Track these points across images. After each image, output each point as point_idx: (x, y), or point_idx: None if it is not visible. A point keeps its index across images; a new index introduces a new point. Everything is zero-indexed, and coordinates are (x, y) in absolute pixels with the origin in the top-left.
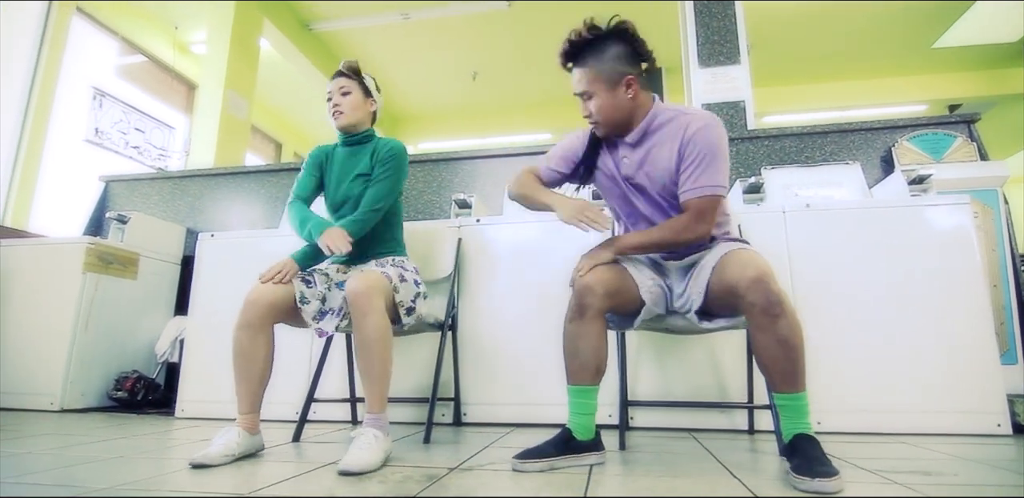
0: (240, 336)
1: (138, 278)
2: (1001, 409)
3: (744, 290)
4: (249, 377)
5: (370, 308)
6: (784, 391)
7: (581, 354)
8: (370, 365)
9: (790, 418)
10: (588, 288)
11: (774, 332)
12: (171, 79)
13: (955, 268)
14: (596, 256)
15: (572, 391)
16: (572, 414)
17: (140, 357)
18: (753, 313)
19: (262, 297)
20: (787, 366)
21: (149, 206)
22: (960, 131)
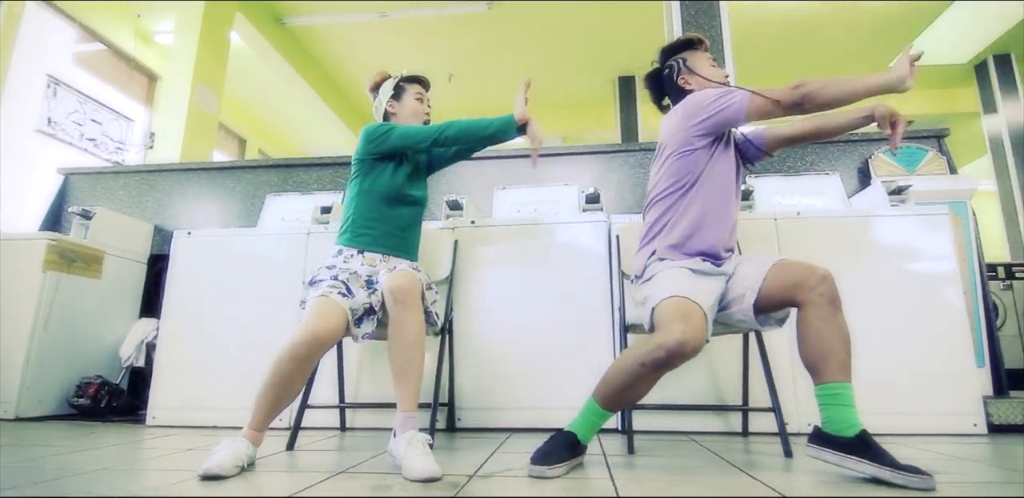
0: (290, 367)
1: (103, 277)
2: (977, 410)
3: (816, 283)
4: (279, 402)
5: (414, 304)
6: (840, 380)
7: (634, 394)
8: (410, 361)
9: (847, 407)
10: (685, 351)
11: (837, 322)
12: (131, 69)
13: (934, 275)
14: None
15: (599, 413)
16: (585, 428)
17: (103, 361)
18: (821, 304)
19: (331, 334)
20: (844, 355)
21: (113, 201)
22: (931, 145)
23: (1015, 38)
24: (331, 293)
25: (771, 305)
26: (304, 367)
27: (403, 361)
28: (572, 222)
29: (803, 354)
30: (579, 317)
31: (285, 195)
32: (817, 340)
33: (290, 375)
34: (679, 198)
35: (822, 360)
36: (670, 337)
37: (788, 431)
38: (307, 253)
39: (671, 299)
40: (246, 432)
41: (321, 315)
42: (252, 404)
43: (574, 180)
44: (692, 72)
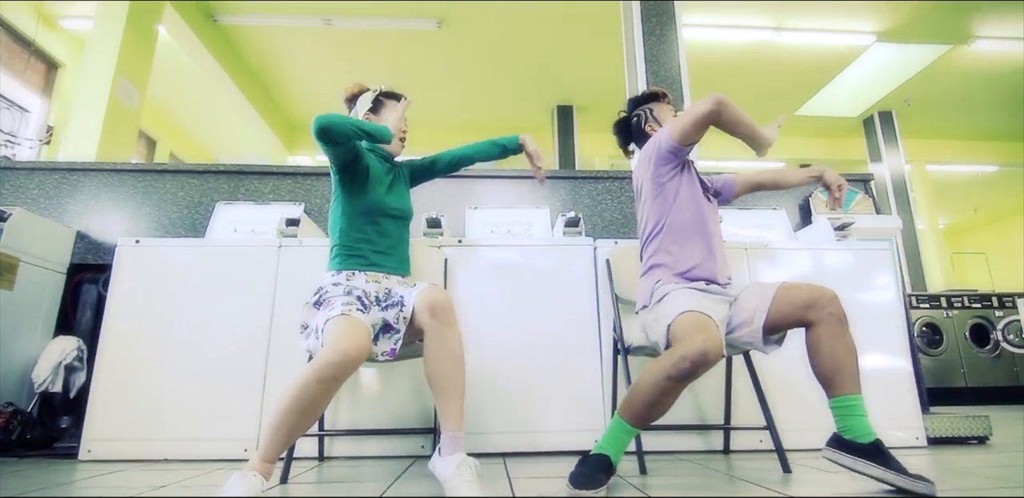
0: (317, 391)
1: (15, 289)
2: (918, 424)
3: (826, 302)
4: (297, 430)
5: (453, 320)
6: (852, 392)
7: (661, 408)
8: (455, 378)
9: (862, 416)
10: (707, 361)
11: (846, 339)
12: (29, 55)
13: (878, 301)
14: None
15: (624, 429)
16: (615, 446)
17: (10, 386)
18: (831, 322)
19: (361, 352)
20: (855, 369)
21: (25, 202)
22: (859, 188)
23: (896, 98)
24: (350, 311)
25: (780, 325)
26: (331, 390)
27: (447, 378)
28: (558, 245)
29: (817, 369)
30: (568, 340)
31: (237, 204)
32: (830, 356)
33: (315, 400)
34: (667, 235)
35: (836, 374)
36: (693, 347)
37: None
38: (278, 268)
39: (686, 314)
40: (257, 464)
41: (349, 333)
42: (265, 432)
43: (546, 203)
44: (657, 121)
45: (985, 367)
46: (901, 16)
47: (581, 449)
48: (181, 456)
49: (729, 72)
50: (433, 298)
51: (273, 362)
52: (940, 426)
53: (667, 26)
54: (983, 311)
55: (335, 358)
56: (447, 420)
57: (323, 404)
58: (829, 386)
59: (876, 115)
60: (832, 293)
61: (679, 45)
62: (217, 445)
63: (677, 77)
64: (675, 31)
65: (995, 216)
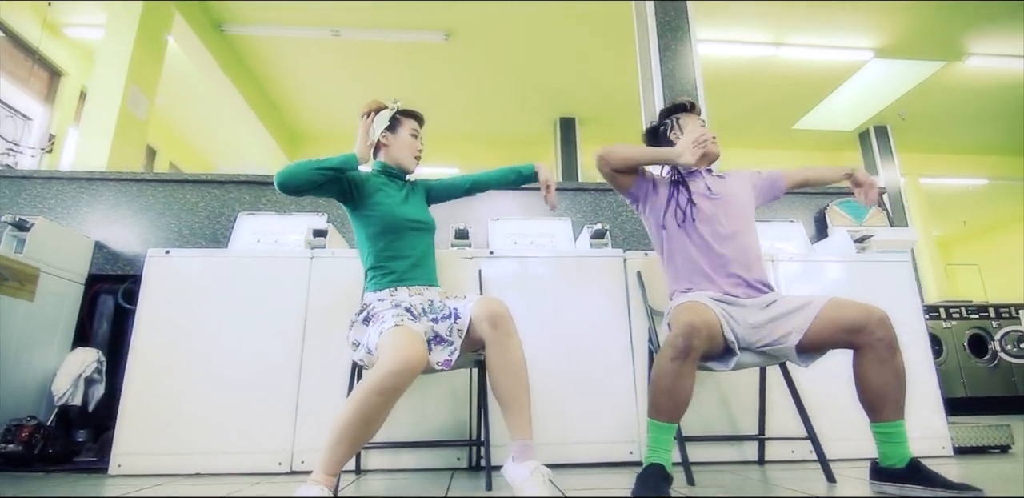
0: (378, 402)
1: (35, 299)
2: (944, 434)
3: (875, 326)
4: (359, 441)
5: (513, 329)
6: (894, 419)
7: (680, 394)
8: (520, 388)
9: (899, 443)
10: (696, 330)
11: (893, 364)
12: (32, 63)
13: (901, 313)
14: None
15: (659, 428)
16: (660, 450)
17: (29, 399)
18: (879, 347)
19: (421, 360)
20: (899, 395)
21: (43, 211)
22: None
23: (892, 113)
24: (403, 321)
25: (824, 346)
26: (391, 401)
27: (513, 388)
28: (588, 256)
29: (862, 395)
30: (599, 352)
31: (260, 214)
32: (878, 383)
33: (376, 411)
34: (666, 262)
35: (880, 401)
36: (681, 323)
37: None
38: (310, 280)
39: (681, 304)
40: (321, 477)
41: (407, 343)
42: (326, 446)
43: (567, 214)
44: (681, 129)
45: (984, 377)
46: (898, 33)
47: (614, 461)
48: (213, 470)
49: (729, 86)
50: (492, 308)
51: (307, 374)
52: (964, 435)
53: (682, 41)
54: (980, 322)
55: (395, 367)
56: (517, 429)
57: (383, 415)
58: (871, 411)
59: (872, 129)
60: (882, 315)
61: (695, 60)
62: (251, 458)
63: (693, 92)
64: (690, 46)
65: (985, 228)
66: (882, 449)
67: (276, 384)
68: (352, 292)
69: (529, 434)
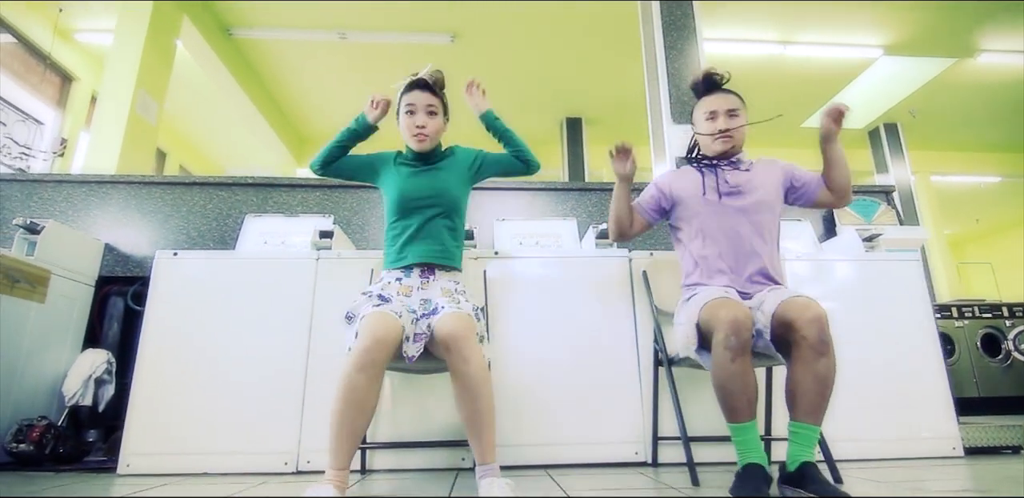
0: (360, 379)
1: (47, 301)
2: (954, 434)
3: (802, 325)
4: (357, 426)
5: (471, 352)
6: (803, 421)
7: (749, 390)
8: (480, 411)
9: (800, 445)
10: (741, 323)
11: (814, 368)
12: (45, 68)
13: (911, 312)
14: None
15: (743, 429)
16: (753, 451)
17: (41, 399)
18: (803, 346)
19: (389, 333)
20: (815, 400)
21: (54, 214)
22: (881, 199)
23: (902, 110)
24: (380, 306)
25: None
26: (374, 378)
27: (472, 412)
28: (594, 256)
29: (785, 389)
30: (605, 352)
31: (267, 216)
32: (793, 382)
33: (361, 390)
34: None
35: (793, 401)
36: (724, 320)
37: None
38: (316, 280)
39: (710, 301)
40: (331, 475)
41: (378, 321)
42: (329, 440)
43: (571, 214)
44: (694, 120)
45: (997, 377)
46: (908, 30)
47: (621, 461)
48: (221, 470)
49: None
50: (450, 331)
51: (312, 373)
52: (975, 436)
53: (688, 40)
54: (993, 321)
55: (367, 343)
56: (478, 454)
57: (371, 395)
58: (789, 408)
59: (882, 127)
60: (814, 314)
61: (700, 59)
62: (257, 458)
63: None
64: (696, 44)
65: (998, 226)
66: (788, 448)
67: (282, 384)
68: (358, 293)
69: (490, 458)
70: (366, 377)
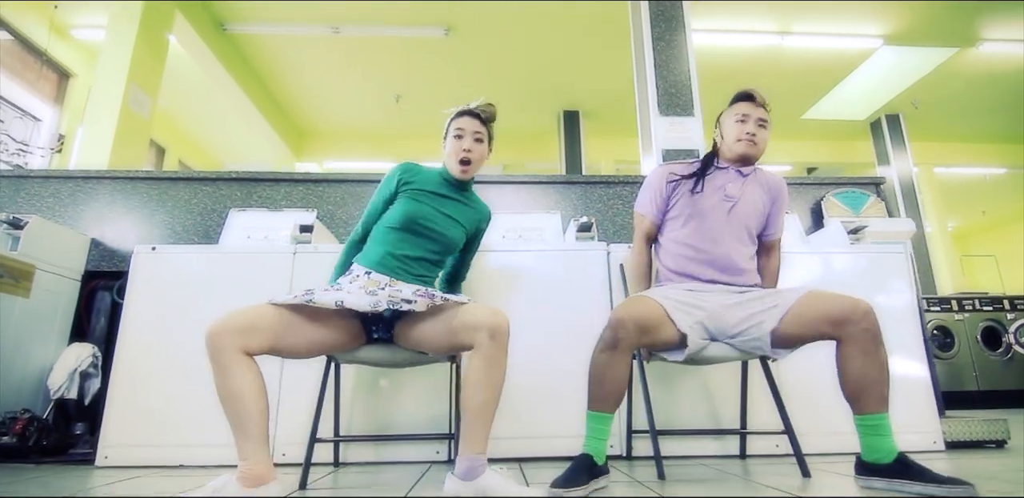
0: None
1: (31, 296)
2: (936, 428)
3: (859, 318)
4: (242, 420)
5: (507, 347)
6: (878, 411)
7: (608, 384)
8: (494, 402)
9: (884, 437)
10: (621, 323)
11: (878, 356)
12: (41, 65)
13: (895, 305)
14: None
15: (593, 417)
16: (592, 439)
17: (26, 392)
18: (864, 339)
19: (222, 325)
20: (883, 387)
21: (40, 210)
22: (871, 191)
23: (904, 101)
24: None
25: (805, 337)
26: (221, 363)
27: (488, 401)
28: (571, 250)
29: (845, 387)
30: (581, 346)
31: (250, 211)
32: (861, 375)
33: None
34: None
35: (863, 393)
36: (611, 317)
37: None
38: (293, 275)
39: (626, 299)
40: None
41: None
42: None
43: (555, 208)
44: (721, 130)
45: (997, 370)
46: (908, 19)
47: None
48: (196, 462)
49: (735, 76)
50: (497, 321)
51: (288, 368)
52: (957, 430)
53: (676, 31)
54: (994, 314)
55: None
56: (477, 442)
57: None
58: (854, 404)
59: (883, 118)
60: (866, 307)
61: (688, 50)
62: (231, 451)
63: (687, 82)
64: (684, 36)
65: (1003, 219)
66: (866, 442)
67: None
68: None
69: (484, 448)
70: (214, 369)
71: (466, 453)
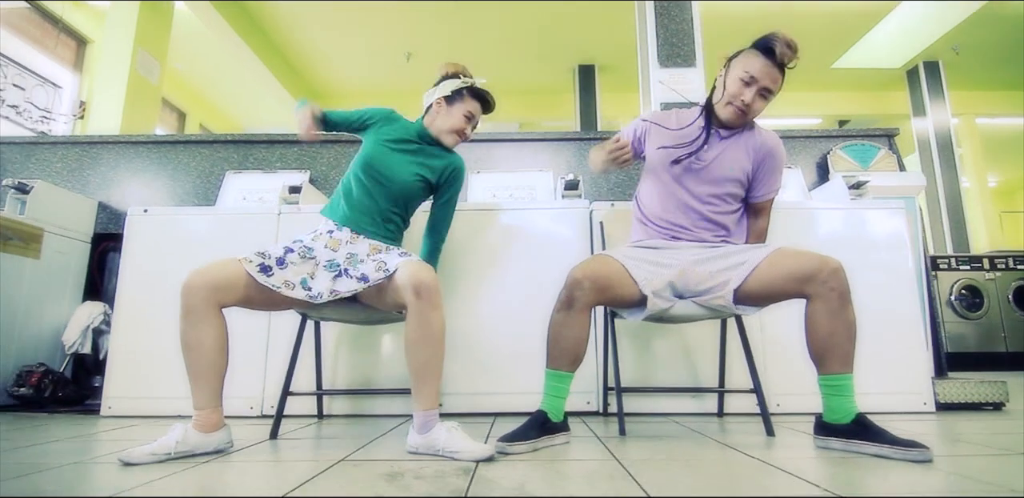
0: (182, 325)
1: (41, 257)
2: (927, 390)
3: (827, 276)
4: (199, 370)
5: (439, 301)
6: (842, 372)
7: (563, 342)
8: (437, 358)
9: (845, 397)
10: (577, 282)
11: (845, 316)
12: (59, 32)
13: (890, 263)
14: None
15: (550, 375)
16: (548, 397)
17: (43, 348)
18: (831, 298)
19: (199, 279)
20: (848, 347)
21: (50, 175)
22: (882, 143)
23: (944, 47)
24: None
25: (773, 296)
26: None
27: (431, 358)
28: (552, 208)
29: (810, 345)
30: None
31: (246, 173)
32: (826, 334)
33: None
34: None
35: (828, 353)
36: (568, 276)
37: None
38: (278, 235)
39: (586, 258)
40: (196, 416)
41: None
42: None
43: (549, 166)
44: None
45: None
46: None
47: (571, 410)
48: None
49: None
50: (419, 277)
51: (275, 326)
52: (952, 391)
53: None
54: None
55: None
56: (427, 399)
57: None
58: (819, 363)
59: (921, 65)
60: (835, 265)
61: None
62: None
63: (689, 31)
64: None
65: None
66: (828, 403)
67: (247, 335)
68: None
69: (434, 404)
70: (187, 324)
71: (417, 410)
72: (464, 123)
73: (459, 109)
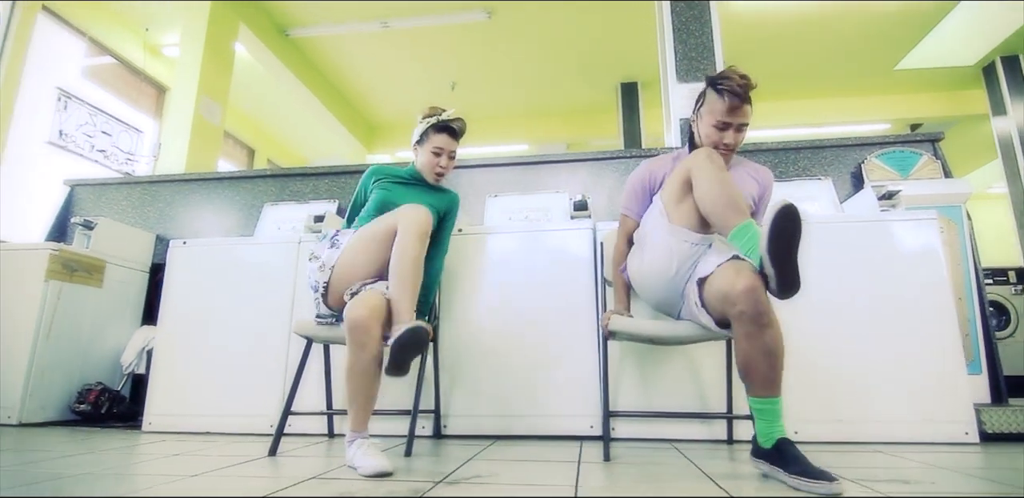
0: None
1: (104, 286)
2: (968, 418)
3: (736, 298)
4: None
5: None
6: (765, 395)
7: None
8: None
9: (769, 421)
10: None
11: (761, 341)
12: (140, 82)
13: (923, 281)
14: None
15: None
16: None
17: (104, 368)
18: (743, 321)
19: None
20: (769, 373)
21: (117, 212)
22: (925, 149)
23: (1022, 39)
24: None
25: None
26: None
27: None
28: (558, 229)
29: (736, 366)
30: (565, 325)
31: (282, 204)
32: (743, 358)
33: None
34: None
35: (747, 377)
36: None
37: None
38: (298, 262)
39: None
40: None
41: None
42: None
43: (565, 187)
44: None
45: None
46: None
47: (574, 434)
48: (218, 430)
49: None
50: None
51: (294, 349)
52: (998, 420)
53: None
54: None
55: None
56: (352, 422)
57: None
58: (745, 385)
59: (999, 61)
60: (745, 286)
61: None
62: (250, 421)
63: (709, 44)
64: None
65: None
66: (756, 425)
67: (269, 358)
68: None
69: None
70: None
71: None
72: (434, 159)
73: (427, 148)
